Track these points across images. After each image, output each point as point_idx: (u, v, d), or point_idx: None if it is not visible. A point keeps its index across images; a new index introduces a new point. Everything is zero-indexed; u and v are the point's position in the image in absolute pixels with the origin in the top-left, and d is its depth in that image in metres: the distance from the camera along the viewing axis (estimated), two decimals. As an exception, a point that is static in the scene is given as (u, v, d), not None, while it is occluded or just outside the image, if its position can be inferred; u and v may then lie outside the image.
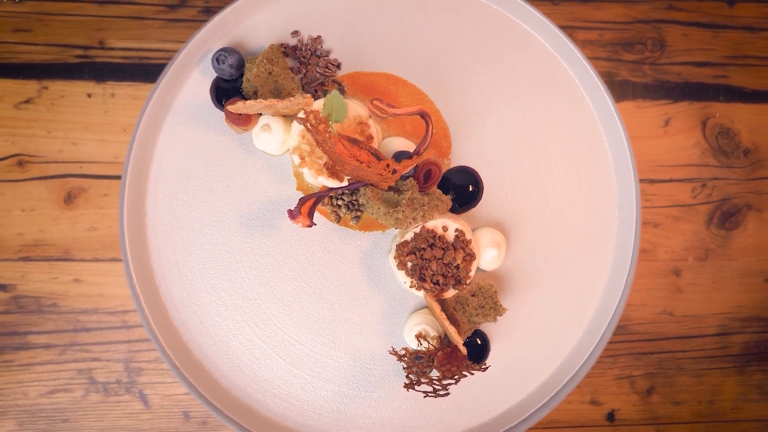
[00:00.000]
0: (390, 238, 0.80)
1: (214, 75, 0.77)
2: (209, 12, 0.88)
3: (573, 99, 0.83)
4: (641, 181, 0.92)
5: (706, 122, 0.95)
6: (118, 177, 0.87)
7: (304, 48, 0.77)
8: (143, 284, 0.77)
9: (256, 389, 0.78)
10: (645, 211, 0.94)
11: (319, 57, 0.78)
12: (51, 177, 0.87)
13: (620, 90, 0.94)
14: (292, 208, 0.70)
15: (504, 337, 0.80)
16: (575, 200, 0.82)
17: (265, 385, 0.78)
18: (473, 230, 0.79)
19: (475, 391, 0.79)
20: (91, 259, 0.87)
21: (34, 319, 0.87)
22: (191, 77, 0.79)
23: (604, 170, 0.83)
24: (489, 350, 0.78)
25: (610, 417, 0.94)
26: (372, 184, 0.72)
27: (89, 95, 0.88)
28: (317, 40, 0.78)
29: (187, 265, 0.78)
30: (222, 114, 0.78)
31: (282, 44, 0.78)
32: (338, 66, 0.79)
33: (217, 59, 0.75)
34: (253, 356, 0.78)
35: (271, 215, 0.79)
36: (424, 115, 0.70)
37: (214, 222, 0.79)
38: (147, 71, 0.88)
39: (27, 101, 0.87)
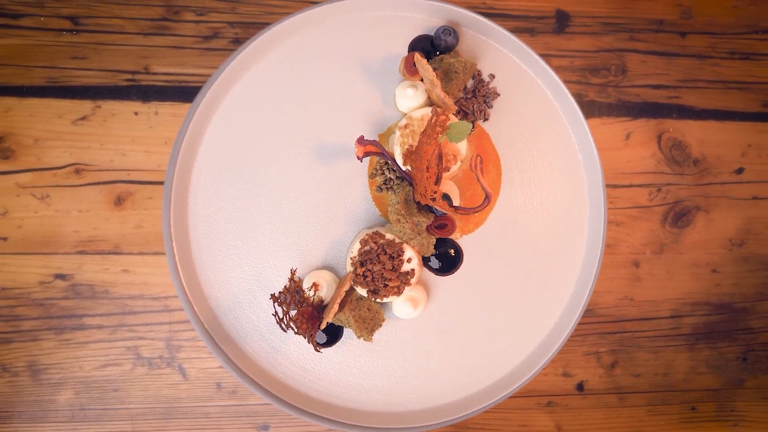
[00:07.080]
0: (380, 221, 0.86)
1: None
2: (238, 42, 0.99)
3: (554, 120, 0.89)
4: (606, 186, 0.96)
5: (661, 136, 1.04)
6: (160, 182, 0.97)
7: (484, 88, 0.88)
8: (184, 274, 0.83)
9: (284, 364, 0.83)
10: (609, 211, 1.01)
11: (484, 102, 0.88)
12: (103, 183, 0.96)
13: (588, 108, 1.03)
14: (366, 138, 0.77)
15: (499, 319, 0.86)
16: (554, 202, 0.88)
17: (288, 362, 0.83)
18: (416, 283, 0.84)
19: (481, 357, 0.84)
20: (137, 252, 0.96)
21: (88, 304, 0.96)
22: (227, 96, 0.84)
23: (578, 177, 0.88)
24: (333, 344, 0.82)
25: (580, 387, 1.02)
26: (413, 188, 0.80)
27: (136, 113, 0.97)
28: (495, 95, 0.88)
29: (221, 258, 0.84)
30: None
31: (479, 70, 0.89)
32: (485, 119, 0.88)
33: (444, 30, 0.84)
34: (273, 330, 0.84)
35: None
36: (488, 198, 0.77)
37: (248, 222, 0.85)
38: (186, 92, 0.97)
39: (83, 118, 0.96)
